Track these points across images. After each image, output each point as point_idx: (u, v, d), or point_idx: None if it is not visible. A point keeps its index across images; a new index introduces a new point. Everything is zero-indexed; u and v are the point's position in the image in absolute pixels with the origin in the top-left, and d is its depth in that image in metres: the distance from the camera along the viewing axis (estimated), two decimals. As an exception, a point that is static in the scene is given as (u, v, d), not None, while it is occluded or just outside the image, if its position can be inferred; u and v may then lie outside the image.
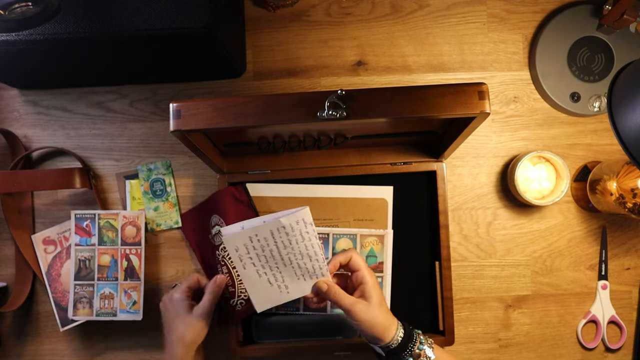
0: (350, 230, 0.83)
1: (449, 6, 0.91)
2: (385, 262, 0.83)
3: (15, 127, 0.91)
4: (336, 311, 0.82)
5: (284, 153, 0.85)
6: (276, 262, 0.70)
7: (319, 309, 0.82)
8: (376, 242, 0.83)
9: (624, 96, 0.57)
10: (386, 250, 0.83)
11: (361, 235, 0.83)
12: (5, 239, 0.90)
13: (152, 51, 0.76)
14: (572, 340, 0.89)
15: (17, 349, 0.89)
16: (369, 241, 0.83)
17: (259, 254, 0.70)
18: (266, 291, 0.73)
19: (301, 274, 0.72)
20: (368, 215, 0.85)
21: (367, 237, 0.83)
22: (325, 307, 0.81)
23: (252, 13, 0.91)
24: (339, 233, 0.83)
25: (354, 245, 0.83)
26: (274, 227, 0.68)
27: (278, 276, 0.72)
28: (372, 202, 0.85)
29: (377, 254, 0.83)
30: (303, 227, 0.68)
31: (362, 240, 0.83)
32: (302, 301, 0.81)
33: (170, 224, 0.89)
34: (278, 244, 0.69)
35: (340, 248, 0.83)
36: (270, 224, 0.68)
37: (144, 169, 0.89)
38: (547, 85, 0.88)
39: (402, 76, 0.91)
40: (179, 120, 0.62)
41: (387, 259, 0.83)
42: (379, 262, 0.83)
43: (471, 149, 0.90)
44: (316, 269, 0.71)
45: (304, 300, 0.79)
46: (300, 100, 0.62)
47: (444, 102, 0.62)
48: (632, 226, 0.90)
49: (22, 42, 0.70)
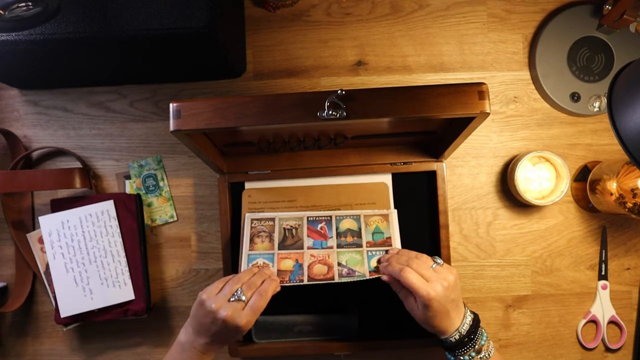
0: (353, 212, 0.82)
1: (449, 6, 0.91)
2: (393, 237, 0.79)
3: (15, 127, 0.91)
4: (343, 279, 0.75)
5: (284, 153, 0.85)
6: (82, 256, 0.75)
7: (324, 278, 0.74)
8: (381, 220, 0.81)
9: (624, 96, 0.57)
10: (392, 227, 0.80)
11: (364, 216, 0.81)
12: (5, 239, 0.90)
13: (152, 51, 0.76)
14: (572, 340, 0.89)
15: (17, 349, 0.89)
16: (374, 220, 0.81)
17: (68, 243, 0.75)
18: (72, 292, 0.78)
19: (105, 278, 0.75)
20: (369, 199, 0.84)
21: (371, 217, 0.81)
22: (333, 277, 0.74)
23: (252, 13, 0.91)
24: (342, 215, 0.81)
25: (358, 225, 0.80)
26: (82, 213, 0.77)
27: (84, 275, 0.75)
28: (374, 187, 0.85)
29: (383, 230, 0.80)
30: (107, 220, 0.74)
31: (367, 220, 0.81)
32: (306, 272, 0.75)
33: (166, 219, 0.89)
34: (85, 234, 0.74)
35: (344, 228, 0.80)
36: (79, 209, 0.76)
37: (135, 166, 0.89)
38: (547, 85, 0.88)
39: (402, 76, 0.91)
40: (179, 120, 0.62)
41: (395, 234, 0.79)
42: (386, 237, 0.79)
43: (471, 149, 0.90)
44: (119, 274, 0.75)
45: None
46: (300, 100, 0.62)
47: (444, 102, 0.62)
48: (632, 226, 0.90)
49: (22, 42, 0.70)
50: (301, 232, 0.80)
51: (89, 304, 0.83)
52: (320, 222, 0.81)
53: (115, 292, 0.83)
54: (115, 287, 0.83)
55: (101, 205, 0.84)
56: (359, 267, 0.75)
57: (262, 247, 0.78)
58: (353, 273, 0.74)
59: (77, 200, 0.86)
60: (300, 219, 0.81)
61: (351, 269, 0.75)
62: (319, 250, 0.78)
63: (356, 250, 0.78)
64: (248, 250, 0.77)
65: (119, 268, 0.83)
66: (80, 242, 0.83)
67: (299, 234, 0.80)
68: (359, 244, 0.79)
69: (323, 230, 0.80)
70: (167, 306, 0.89)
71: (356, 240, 0.79)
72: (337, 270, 0.75)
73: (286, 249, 0.78)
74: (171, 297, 0.89)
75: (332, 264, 0.76)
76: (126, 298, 0.84)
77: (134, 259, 0.85)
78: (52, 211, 0.86)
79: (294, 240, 0.79)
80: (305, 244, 0.79)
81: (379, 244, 0.78)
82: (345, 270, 0.75)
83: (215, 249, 0.89)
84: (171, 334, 0.89)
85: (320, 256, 0.77)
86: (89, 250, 0.83)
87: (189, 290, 0.89)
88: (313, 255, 0.77)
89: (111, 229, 0.84)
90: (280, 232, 0.80)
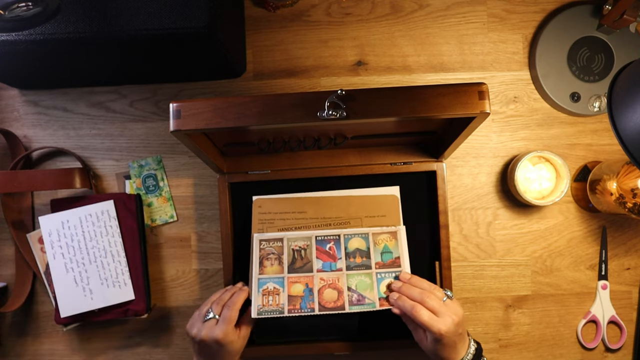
0: (361, 230, 0.82)
1: (449, 6, 0.91)
2: (401, 256, 0.80)
3: (15, 127, 0.91)
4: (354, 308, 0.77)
5: (284, 153, 0.85)
6: (82, 256, 0.75)
7: (335, 307, 0.76)
8: (389, 238, 0.81)
9: (624, 96, 0.57)
10: (401, 245, 0.81)
11: (373, 234, 0.81)
12: (5, 239, 0.90)
13: (152, 51, 0.76)
14: (572, 340, 0.89)
15: (17, 349, 0.89)
16: (382, 238, 0.81)
17: (68, 243, 0.75)
18: (72, 292, 0.78)
19: (105, 278, 0.75)
20: (379, 212, 0.85)
21: (379, 235, 0.81)
22: (343, 306, 0.76)
23: (252, 13, 0.91)
24: (351, 233, 0.81)
25: (367, 244, 0.81)
26: (82, 213, 0.77)
27: (84, 275, 0.75)
28: (384, 199, 0.85)
29: (392, 249, 0.81)
30: (107, 220, 0.74)
31: (375, 239, 0.81)
32: (316, 299, 0.76)
33: (166, 219, 0.89)
34: (85, 234, 0.74)
35: (352, 247, 0.81)
36: (79, 209, 0.79)
37: (135, 166, 0.89)
38: (547, 85, 0.88)
39: (402, 76, 0.91)
40: (179, 120, 0.62)
41: (403, 253, 0.80)
42: (394, 257, 0.80)
43: (471, 149, 0.90)
44: (119, 274, 0.74)
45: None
46: (300, 100, 0.62)
47: (444, 102, 0.62)
48: (632, 226, 0.90)
49: (22, 42, 0.70)
50: (310, 253, 0.80)
51: (89, 304, 0.83)
52: (328, 242, 0.81)
53: (115, 292, 0.83)
54: (115, 287, 0.83)
55: (101, 205, 0.85)
56: (368, 293, 0.76)
57: (272, 270, 0.78)
58: (363, 300, 0.76)
59: (77, 200, 0.86)
60: (308, 239, 0.81)
61: (361, 295, 0.76)
62: (328, 273, 0.78)
63: (365, 273, 0.78)
64: (258, 274, 0.77)
65: (119, 268, 0.83)
66: (80, 242, 0.83)
67: (307, 255, 0.80)
68: (368, 265, 0.79)
69: (332, 251, 0.80)
70: (167, 306, 0.89)
71: (365, 261, 0.79)
72: (348, 296, 0.76)
73: (296, 272, 0.78)
74: (171, 297, 0.89)
75: (342, 288, 0.76)
76: (126, 298, 0.84)
77: (134, 259, 0.85)
78: (52, 211, 0.86)
79: (303, 263, 0.79)
80: (315, 266, 0.78)
81: (388, 265, 0.78)
82: (356, 297, 0.76)
83: (215, 249, 0.89)
84: (171, 334, 0.89)
85: (330, 280, 0.77)
86: (89, 250, 0.83)
87: (189, 290, 0.89)
88: (323, 279, 0.77)
89: (111, 229, 0.84)
90: (289, 254, 0.80)
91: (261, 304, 0.75)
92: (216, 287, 0.89)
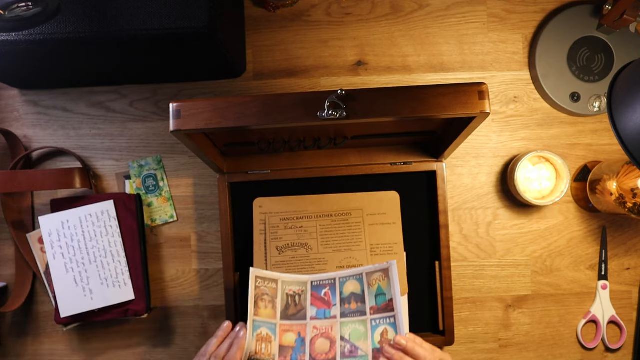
0: (355, 271, 0.79)
1: (449, 6, 0.91)
2: (394, 297, 0.75)
3: (15, 127, 0.91)
4: None
5: (284, 153, 0.85)
6: (82, 256, 0.76)
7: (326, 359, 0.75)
8: (382, 278, 0.77)
9: (624, 96, 0.57)
10: (393, 283, 0.76)
11: (367, 274, 0.78)
12: (5, 239, 0.90)
13: (152, 51, 0.76)
14: (572, 340, 0.89)
15: (17, 349, 0.89)
16: (375, 278, 0.78)
17: (68, 243, 0.76)
18: (72, 292, 0.79)
19: (105, 278, 0.75)
20: (380, 209, 0.85)
21: (372, 275, 0.78)
22: (335, 358, 0.74)
23: (252, 13, 0.91)
24: (345, 276, 0.79)
25: (362, 287, 0.78)
26: (82, 213, 0.81)
27: (84, 275, 0.75)
28: (384, 196, 0.86)
29: (384, 290, 0.77)
30: (107, 220, 0.74)
31: (369, 280, 0.78)
32: (308, 350, 0.75)
33: (166, 219, 0.89)
34: (85, 234, 0.75)
35: (348, 292, 0.78)
36: (79, 209, 0.81)
37: (135, 166, 0.89)
38: (547, 85, 0.88)
39: (402, 76, 0.91)
40: (179, 120, 0.62)
41: (396, 292, 0.76)
42: (388, 299, 0.76)
43: (471, 149, 0.90)
44: (119, 275, 0.74)
45: None
46: (300, 100, 0.62)
47: (444, 102, 0.62)
48: (632, 226, 0.90)
49: (22, 42, 0.70)
50: (304, 299, 0.78)
51: (89, 304, 0.83)
52: (324, 287, 0.78)
53: (115, 292, 0.83)
54: (115, 287, 0.83)
55: (101, 205, 0.85)
56: (362, 343, 0.74)
57: (265, 313, 0.76)
58: (356, 352, 0.73)
59: (77, 200, 0.86)
60: (304, 284, 0.78)
61: (354, 346, 0.74)
62: (322, 322, 0.76)
63: (360, 320, 0.75)
64: (253, 315, 0.75)
65: (119, 268, 0.83)
66: (80, 242, 0.83)
67: (302, 302, 0.77)
68: (363, 311, 0.76)
69: (327, 297, 0.78)
70: (167, 306, 0.89)
71: (360, 307, 0.77)
72: (340, 347, 0.74)
73: (289, 320, 0.76)
74: (171, 297, 0.89)
75: (335, 338, 0.74)
76: (126, 298, 0.84)
77: (134, 259, 0.85)
78: (52, 211, 0.86)
79: (297, 310, 0.77)
80: (309, 313, 0.76)
81: (382, 309, 0.75)
82: (348, 348, 0.74)
83: (215, 249, 0.89)
84: (171, 334, 0.89)
85: (324, 328, 0.75)
86: (89, 250, 0.83)
87: (189, 290, 0.89)
88: (316, 327, 0.75)
89: (111, 229, 0.84)
90: (283, 299, 0.77)
91: (254, 351, 0.72)
92: (216, 287, 0.89)
